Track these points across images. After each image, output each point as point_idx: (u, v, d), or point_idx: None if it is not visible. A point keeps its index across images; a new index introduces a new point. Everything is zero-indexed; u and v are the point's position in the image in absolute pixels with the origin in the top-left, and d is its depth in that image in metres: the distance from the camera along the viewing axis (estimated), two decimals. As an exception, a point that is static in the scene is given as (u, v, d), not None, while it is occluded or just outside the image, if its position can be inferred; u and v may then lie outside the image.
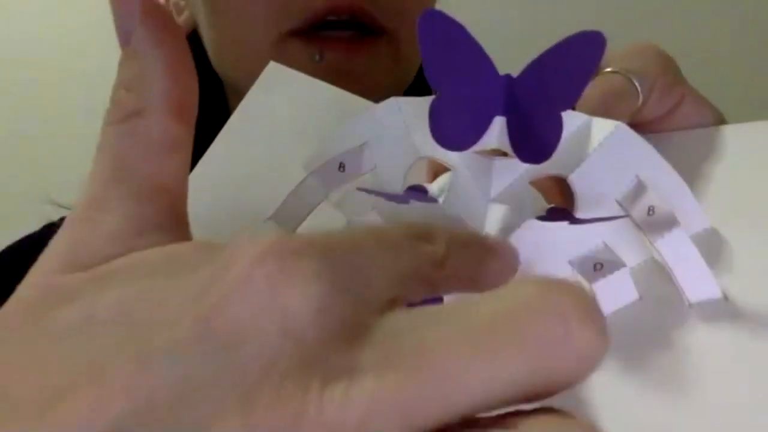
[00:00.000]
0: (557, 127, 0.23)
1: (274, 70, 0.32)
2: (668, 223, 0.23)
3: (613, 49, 0.26)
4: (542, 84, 0.23)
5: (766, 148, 0.27)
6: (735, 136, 0.29)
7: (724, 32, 1.06)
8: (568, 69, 0.23)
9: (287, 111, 0.31)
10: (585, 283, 0.24)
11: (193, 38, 0.46)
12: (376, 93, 0.37)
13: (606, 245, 0.25)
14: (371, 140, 0.27)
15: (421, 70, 0.45)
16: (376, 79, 0.40)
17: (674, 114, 0.29)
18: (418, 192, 0.26)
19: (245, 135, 0.30)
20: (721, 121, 0.30)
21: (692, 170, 0.27)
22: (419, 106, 0.25)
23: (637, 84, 0.28)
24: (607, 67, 0.28)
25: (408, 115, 0.26)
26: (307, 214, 0.27)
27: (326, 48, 0.39)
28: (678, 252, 0.23)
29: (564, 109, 0.23)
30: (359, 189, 0.25)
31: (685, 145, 0.29)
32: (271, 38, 0.40)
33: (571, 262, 0.25)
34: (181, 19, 0.47)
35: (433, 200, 0.25)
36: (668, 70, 0.29)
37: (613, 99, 0.27)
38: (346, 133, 0.27)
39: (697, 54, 1.04)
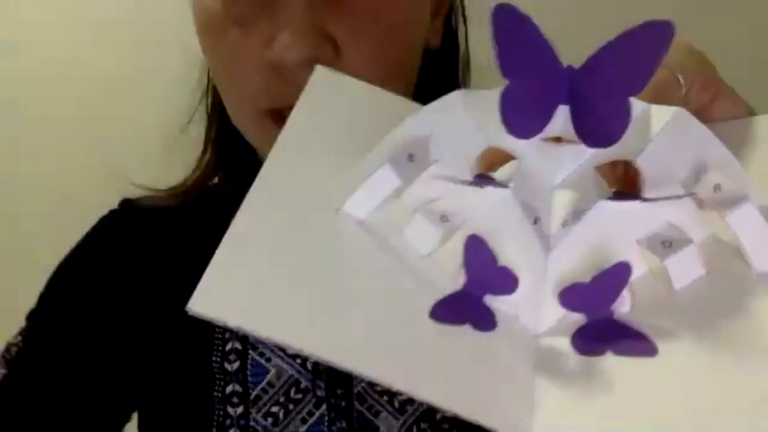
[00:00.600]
0: (625, 112, 0.24)
1: (321, 73, 0.33)
2: (736, 197, 0.24)
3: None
4: (608, 72, 0.24)
5: None
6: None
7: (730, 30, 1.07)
8: (636, 56, 0.24)
9: (339, 113, 0.32)
10: (655, 260, 0.25)
11: None
12: None
13: (671, 224, 0.26)
14: (436, 131, 0.28)
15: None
16: None
17: (711, 107, 0.31)
18: (484, 179, 0.27)
19: (302, 138, 0.31)
20: (752, 113, 0.32)
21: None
22: (483, 99, 0.26)
23: (680, 77, 0.29)
24: None
25: (473, 107, 0.27)
26: (379, 203, 0.28)
27: None
28: (747, 224, 0.24)
29: (632, 95, 0.24)
30: (435, 177, 0.27)
31: (723, 135, 0.30)
32: (253, 112, 0.43)
33: (639, 242, 0.26)
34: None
35: (504, 186, 0.26)
36: (705, 66, 0.31)
37: (662, 90, 0.29)
38: (412, 125, 0.28)
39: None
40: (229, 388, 0.46)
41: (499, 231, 0.26)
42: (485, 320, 0.26)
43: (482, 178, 0.27)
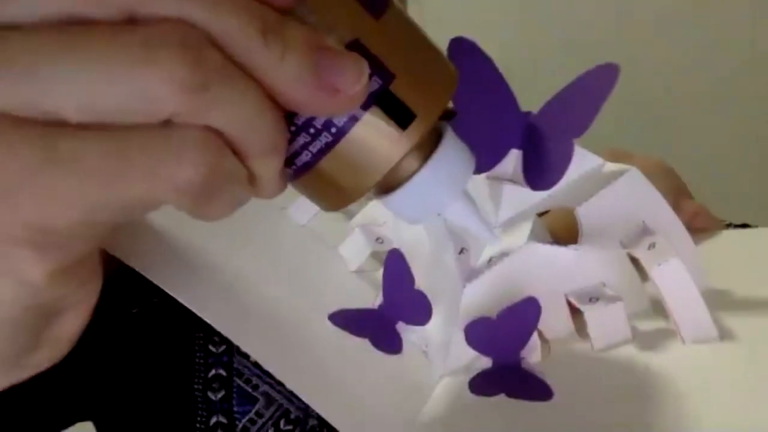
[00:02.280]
0: (567, 154, 0.24)
1: None
2: (667, 254, 0.22)
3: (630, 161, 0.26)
4: (559, 117, 0.24)
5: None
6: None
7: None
8: (584, 100, 0.24)
9: None
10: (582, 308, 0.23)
11: None
12: None
13: (602, 280, 0.24)
14: None
15: None
16: None
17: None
18: None
19: None
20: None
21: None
22: None
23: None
24: None
25: None
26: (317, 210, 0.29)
27: None
28: (671, 280, 0.22)
29: (576, 137, 0.23)
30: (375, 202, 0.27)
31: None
32: None
33: (567, 294, 0.24)
34: None
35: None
36: (679, 191, 0.31)
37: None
38: None
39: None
40: (213, 420, 0.43)
41: (424, 256, 0.25)
42: (391, 344, 0.24)
43: None
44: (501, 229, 0.26)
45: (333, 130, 0.16)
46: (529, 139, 0.25)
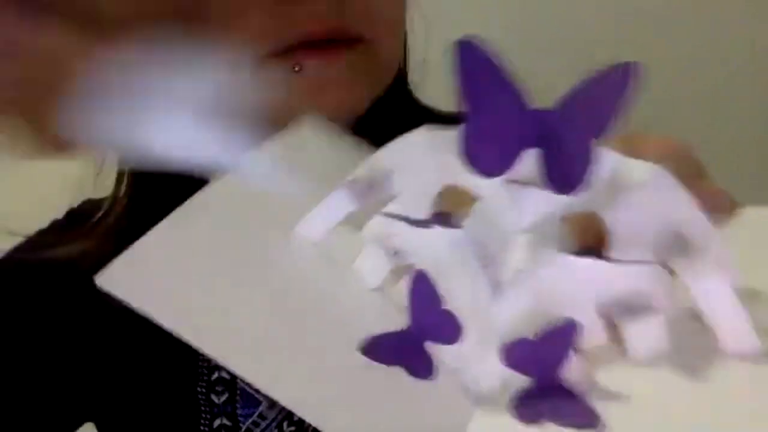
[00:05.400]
0: (588, 157, 0.22)
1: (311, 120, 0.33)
2: (708, 269, 0.22)
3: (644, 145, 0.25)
4: (575, 116, 0.23)
5: None
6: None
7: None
8: (602, 99, 0.22)
9: (314, 154, 0.32)
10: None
11: None
12: (353, 100, 0.39)
13: (639, 292, 0.23)
14: (400, 166, 0.26)
15: (397, 76, 0.45)
16: (354, 86, 0.40)
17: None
18: (441, 218, 0.26)
19: (272, 165, 0.30)
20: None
21: None
22: (448, 136, 0.25)
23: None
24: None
25: (438, 143, 0.26)
26: (331, 226, 0.27)
27: (304, 59, 0.38)
28: (716, 299, 0.21)
29: (597, 137, 0.22)
30: (384, 213, 0.25)
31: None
32: (248, 61, 0.38)
33: (599, 306, 0.23)
34: None
35: (457, 226, 0.24)
36: (693, 173, 0.29)
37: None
38: (375, 159, 0.27)
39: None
40: (216, 422, 0.43)
41: (448, 273, 0.24)
42: (422, 366, 0.24)
43: (440, 217, 0.26)
44: (523, 233, 0.24)
45: None
46: (547, 138, 0.23)
